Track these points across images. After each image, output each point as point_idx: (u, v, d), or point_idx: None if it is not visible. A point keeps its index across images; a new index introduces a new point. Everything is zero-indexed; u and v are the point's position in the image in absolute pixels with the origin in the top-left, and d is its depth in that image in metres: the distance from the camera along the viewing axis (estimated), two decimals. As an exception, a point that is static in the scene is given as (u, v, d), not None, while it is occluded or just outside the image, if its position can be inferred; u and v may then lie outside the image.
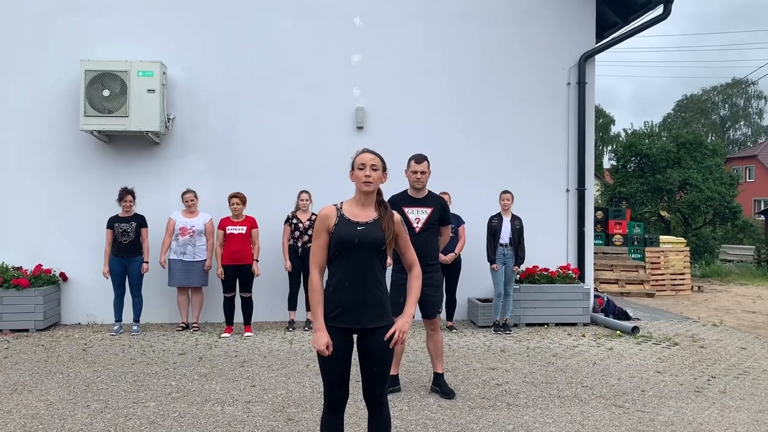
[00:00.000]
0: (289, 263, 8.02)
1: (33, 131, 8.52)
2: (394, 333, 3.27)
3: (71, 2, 8.54)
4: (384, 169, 3.41)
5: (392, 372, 5.39)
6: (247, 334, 7.78)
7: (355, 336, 3.35)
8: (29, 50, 8.51)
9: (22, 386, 5.55)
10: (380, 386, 3.34)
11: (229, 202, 7.82)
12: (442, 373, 5.48)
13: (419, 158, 5.28)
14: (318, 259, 3.34)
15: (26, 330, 7.89)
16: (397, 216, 3.43)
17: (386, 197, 3.62)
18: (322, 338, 3.21)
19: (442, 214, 5.40)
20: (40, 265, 8.27)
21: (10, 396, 5.27)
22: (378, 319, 3.28)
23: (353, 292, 3.24)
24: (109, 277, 7.81)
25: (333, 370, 3.25)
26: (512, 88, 9.15)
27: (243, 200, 7.84)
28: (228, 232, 7.78)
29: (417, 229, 5.27)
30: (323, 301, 3.30)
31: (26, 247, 8.45)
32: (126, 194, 7.84)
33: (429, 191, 5.44)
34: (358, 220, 3.31)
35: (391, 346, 3.29)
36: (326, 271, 3.38)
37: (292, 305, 8.19)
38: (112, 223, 7.82)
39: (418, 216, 5.34)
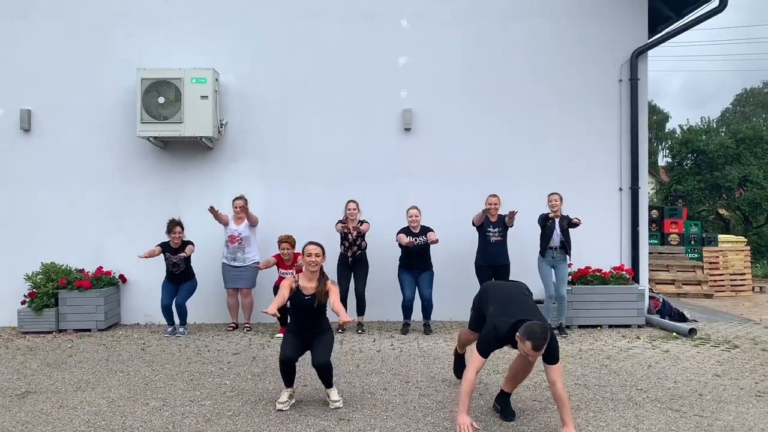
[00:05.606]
0: None
1: (92, 138, 8.85)
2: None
3: (128, 13, 8.85)
4: (324, 253, 5.15)
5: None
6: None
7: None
8: (89, 59, 8.85)
9: (86, 384, 5.79)
10: (323, 366, 4.99)
11: (279, 246, 7.83)
12: (510, 393, 4.93)
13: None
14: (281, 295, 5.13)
15: (89, 330, 8.21)
16: (328, 283, 5.14)
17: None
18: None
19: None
20: (101, 267, 8.59)
21: (75, 393, 5.50)
22: (319, 330, 5.12)
23: (303, 327, 5.10)
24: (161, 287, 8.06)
25: (289, 350, 4.95)
26: (561, 86, 9.02)
27: (293, 244, 7.82)
28: (280, 274, 7.95)
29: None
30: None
31: (88, 250, 8.79)
32: (174, 226, 7.83)
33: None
34: (306, 292, 5.06)
35: None
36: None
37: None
38: (164, 250, 7.86)
39: None
